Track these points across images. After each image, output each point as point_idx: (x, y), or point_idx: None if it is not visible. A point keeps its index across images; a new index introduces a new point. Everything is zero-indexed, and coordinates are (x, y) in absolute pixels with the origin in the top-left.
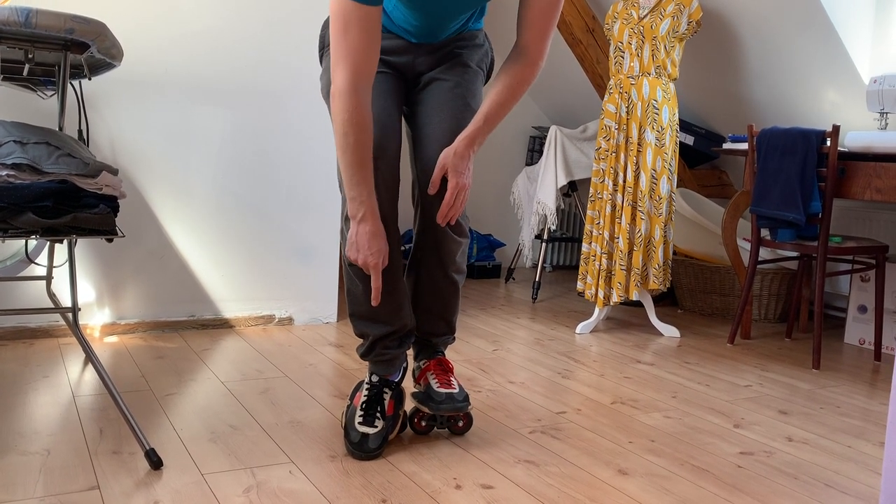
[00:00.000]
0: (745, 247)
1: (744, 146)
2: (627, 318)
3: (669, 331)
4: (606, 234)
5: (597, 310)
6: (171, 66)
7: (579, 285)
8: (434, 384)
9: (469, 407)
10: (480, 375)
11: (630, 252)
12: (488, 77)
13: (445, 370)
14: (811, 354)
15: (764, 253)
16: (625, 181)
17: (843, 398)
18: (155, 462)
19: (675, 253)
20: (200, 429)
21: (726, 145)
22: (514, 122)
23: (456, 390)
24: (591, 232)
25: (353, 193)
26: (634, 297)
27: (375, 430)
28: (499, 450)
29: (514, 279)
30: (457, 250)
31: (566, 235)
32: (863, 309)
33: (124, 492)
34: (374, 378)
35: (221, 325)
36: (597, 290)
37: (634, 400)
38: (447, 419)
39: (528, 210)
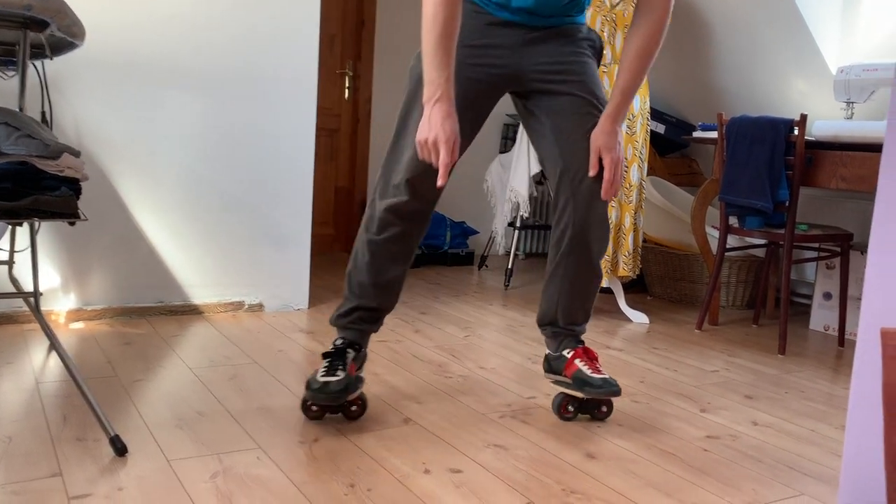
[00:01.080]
0: (713, 234)
1: (713, 135)
2: (597, 304)
3: (639, 317)
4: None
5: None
6: (140, 49)
7: None
8: (587, 371)
9: (620, 394)
10: (451, 361)
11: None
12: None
13: (592, 357)
14: (777, 340)
15: (732, 240)
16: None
17: (807, 383)
18: (119, 448)
19: (644, 240)
20: (167, 415)
21: (696, 134)
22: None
23: (607, 376)
24: None
25: (432, 76)
26: (605, 283)
27: (337, 378)
28: (468, 434)
29: (487, 266)
30: (604, 243)
31: (539, 223)
32: (828, 296)
33: (88, 478)
34: (339, 341)
35: (190, 312)
36: None
37: None
38: (593, 405)
39: (502, 198)
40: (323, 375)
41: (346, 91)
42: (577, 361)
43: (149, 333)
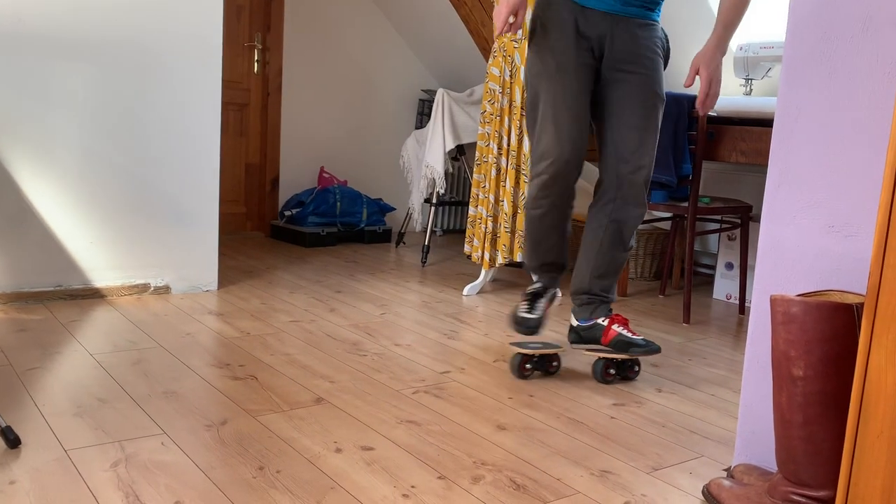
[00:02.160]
0: None
1: None
2: (513, 279)
3: None
4: (492, 198)
5: (483, 272)
6: (27, 16)
7: (466, 248)
8: (628, 334)
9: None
10: (366, 339)
11: (514, 214)
12: (666, 63)
13: (625, 322)
14: (682, 310)
15: None
16: (509, 144)
17: (709, 350)
18: (12, 440)
19: None
20: (65, 403)
21: None
22: (403, 84)
23: (642, 338)
24: (478, 195)
25: None
26: (519, 258)
27: (535, 315)
28: (381, 411)
29: (404, 243)
30: (639, 221)
31: (455, 199)
32: (729, 266)
33: None
34: (537, 285)
35: (92, 296)
36: (483, 253)
37: None
38: (627, 365)
39: (418, 174)
40: (524, 312)
41: (255, 64)
42: (615, 327)
43: (46, 319)
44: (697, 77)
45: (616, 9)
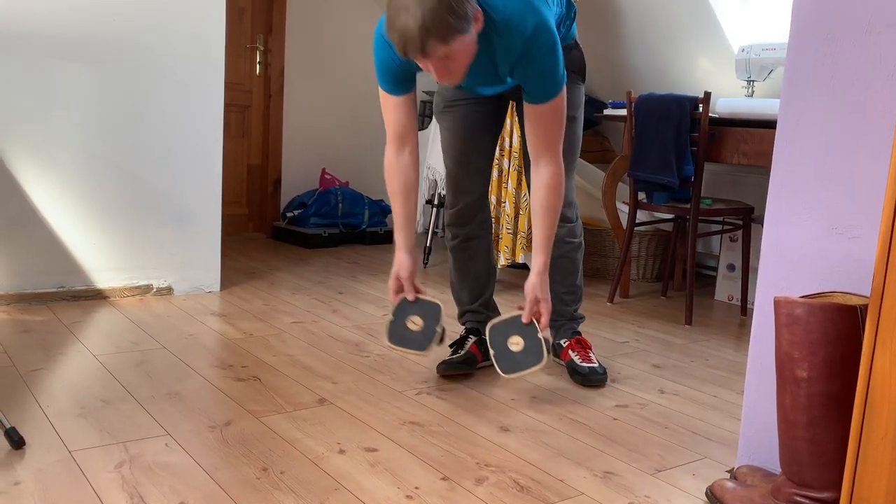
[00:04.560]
0: (623, 210)
1: (623, 112)
2: (514, 280)
3: None
4: (493, 199)
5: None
6: (30, 18)
7: None
8: (578, 361)
9: (606, 380)
10: (368, 340)
11: (516, 216)
12: (583, 70)
13: (585, 347)
14: (684, 311)
15: (641, 215)
16: (511, 146)
17: (711, 351)
18: (16, 441)
19: None
20: (69, 404)
21: (607, 111)
22: None
23: (596, 364)
24: None
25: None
26: (521, 259)
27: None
28: (384, 413)
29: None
30: (567, 240)
31: None
32: (731, 267)
33: None
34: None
35: (94, 297)
36: None
37: None
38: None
39: (419, 175)
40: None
41: (257, 66)
42: (570, 352)
43: (49, 320)
44: None
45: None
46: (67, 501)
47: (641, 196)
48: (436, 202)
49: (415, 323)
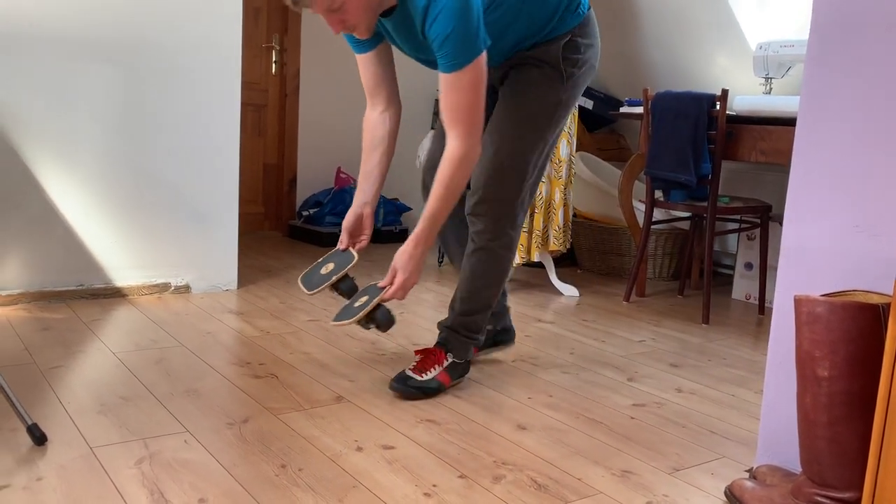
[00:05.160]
0: (640, 208)
1: (639, 110)
2: (529, 278)
3: (569, 290)
4: None
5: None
6: (50, 20)
7: None
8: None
9: (419, 395)
10: (384, 338)
11: (532, 214)
12: (578, 66)
13: (431, 360)
14: (701, 310)
15: (658, 214)
16: None
17: (729, 350)
18: (38, 438)
19: (574, 215)
20: (89, 401)
21: (623, 109)
22: (419, 85)
23: (419, 377)
24: None
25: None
26: (536, 258)
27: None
28: (401, 411)
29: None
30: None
31: None
32: (749, 266)
33: (4, 470)
34: None
35: (113, 295)
36: None
37: (534, 357)
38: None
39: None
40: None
41: (273, 65)
42: (415, 357)
43: (69, 318)
44: None
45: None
46: (89, 497)
47: (658, 194)
48: None
49: (326, 269)
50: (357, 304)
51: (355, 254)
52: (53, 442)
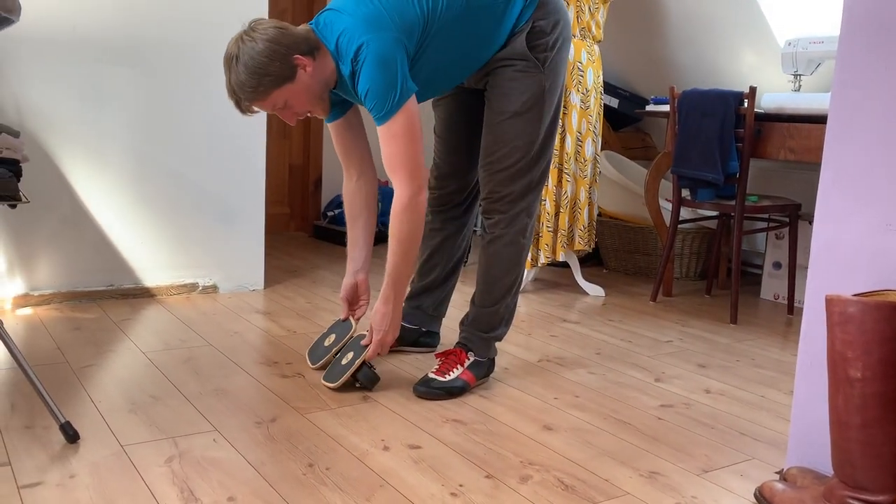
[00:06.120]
0: (666, 207)
1: (666, 108)
2: (554, 278)
3: (594, 290)
4: None
5: (525, 271)
6: (80, 24)
7: None
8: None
9: (444, 397)
10: None
11: (556, 214)
12: (550, 48)
13: (454, 360)
14: (729, 310)
15: (685, 213)
16: None
17: (758, 351)
18: (71, 435)
19: (599, 214)
20: (120, 400)
21: (649, 107)
22: None
23: (443, 378)
24: None
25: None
26: (561, 257)
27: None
28: (427, 410)
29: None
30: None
31: None
32: (777, 265)
33: (38, 467)
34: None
35: (142, 295)
36: None
37: (560, 357)
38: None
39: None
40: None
41: None
42: (436, 361)
43: (99, 318)
44: None
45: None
46: (121, 494)
47: (685, 193)
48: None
49: (328, 340)
50: (344, 363)
51: (354, 323)
52: (86, 440)
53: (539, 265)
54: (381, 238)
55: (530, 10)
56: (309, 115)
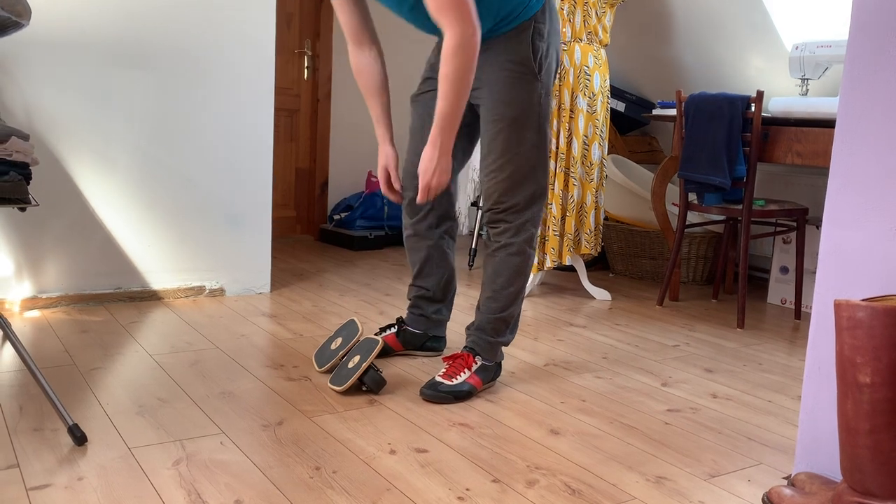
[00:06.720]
0: (673, 211)
1: (672, 112)
2: (561, 282)
3: (601, 294)
4: None
5: (531, 275)
6: (89, 28)
7: None
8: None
9: (451, 401)
10: None
11: (563, 218)
12: (546, 54)
13: (461, 364)
14: (736, 314)
15: (691, 217)
16: (557, 147)
17: (765, 355)
18: (78, 438)
19: (606, 218)
20: (127, 403)
21: (656, 111)
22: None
23: (450, 382)
24: None
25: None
26: (567, 261)
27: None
28: (434, 414)
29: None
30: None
31: None
32: (784, 270)
33: (46, 469)
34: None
35: (149, 298)
36: None
37: (567, 362)
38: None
39: (464, 177)
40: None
41: (305, 71)
42: (443, 364)
43: (107, 320)
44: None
45: None
46: (128, 497)
47: (692, 197)
48: (481, 205)
49: (335, 343)
50: (350, 366)
51: (360, 326)
52: (93, 442)
53: (545, 269)
54: (389, 241)
55: (538, 5)
56: None
